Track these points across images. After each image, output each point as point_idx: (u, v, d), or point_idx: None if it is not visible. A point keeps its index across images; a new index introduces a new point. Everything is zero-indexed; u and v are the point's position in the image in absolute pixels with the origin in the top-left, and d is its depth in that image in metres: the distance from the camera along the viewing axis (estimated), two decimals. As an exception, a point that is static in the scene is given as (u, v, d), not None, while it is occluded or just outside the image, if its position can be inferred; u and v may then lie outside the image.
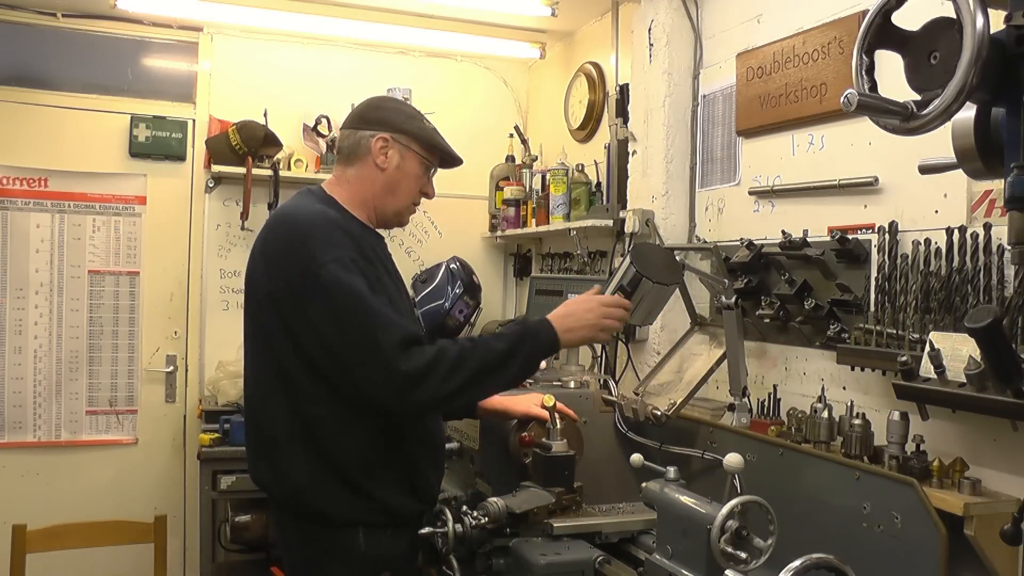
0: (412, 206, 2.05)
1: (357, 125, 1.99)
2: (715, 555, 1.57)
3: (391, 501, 1.87)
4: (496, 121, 4.24)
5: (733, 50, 2.71)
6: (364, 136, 1.95)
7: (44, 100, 3.81)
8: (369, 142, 1.95)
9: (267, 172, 3.86)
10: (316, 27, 3.87)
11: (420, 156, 1.98)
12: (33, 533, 2.85)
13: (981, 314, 1.43)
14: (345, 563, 1.86)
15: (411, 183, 1.99)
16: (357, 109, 2.05)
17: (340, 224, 1.87)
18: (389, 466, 1.88)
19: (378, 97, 2.13)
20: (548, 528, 2.04)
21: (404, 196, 2.00)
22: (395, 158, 1.96)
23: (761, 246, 2.43)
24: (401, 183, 1.98)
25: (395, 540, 1.90)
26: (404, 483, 1.90)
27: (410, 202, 2.03)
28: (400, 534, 1.91)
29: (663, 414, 2.30)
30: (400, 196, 2.00)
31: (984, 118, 1.18)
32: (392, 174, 1.96)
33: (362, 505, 1.85)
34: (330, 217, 1.88)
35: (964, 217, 1.88)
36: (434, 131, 2.02)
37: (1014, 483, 1.74)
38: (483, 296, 4.04)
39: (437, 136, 2.02)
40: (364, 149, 1.95)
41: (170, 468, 3.99)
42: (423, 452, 1.95)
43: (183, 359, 4.01)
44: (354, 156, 1.97)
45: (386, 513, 1.87)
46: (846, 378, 2.19)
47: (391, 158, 1.95)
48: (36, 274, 3.82)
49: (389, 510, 1.87)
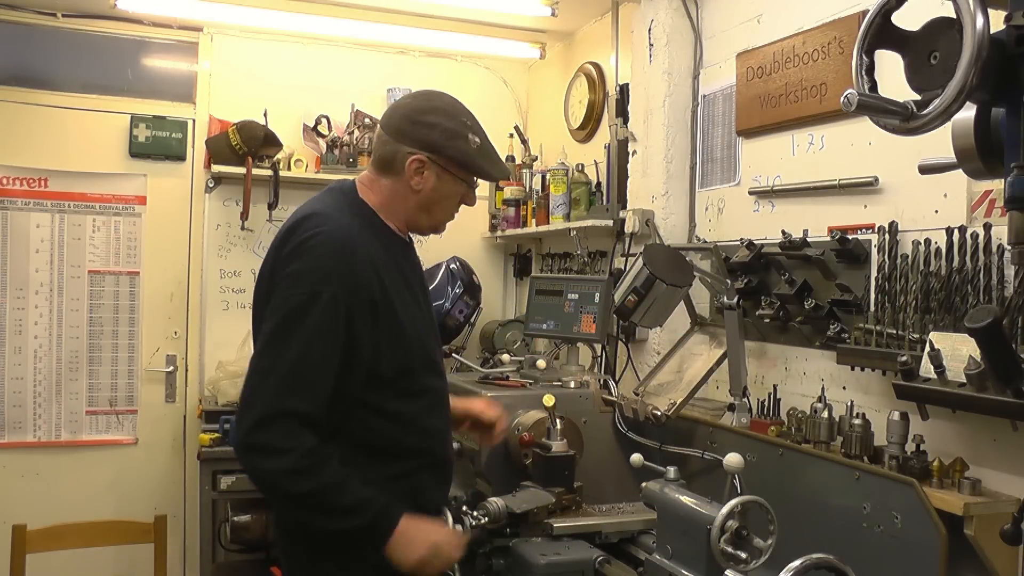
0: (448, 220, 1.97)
1: (395, 136, 1.85)
2: (715, 555, 1.57)
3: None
4: (496, 121, 4.20)
5: (733, 50, 2.71)
6: (401, 151, 1.83)
7: (44, 100, 3.81)
8: (405, 160, 1.82)
9: (267, 172, 3.86)
10: (316, 27, 3.87)
11: (457, 178, 1.87)
12: (33, 533, 2.85)
13: (981, 314, 1.43)
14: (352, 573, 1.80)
15: (448, 203, 1.91)
16: (399, 114, 1.88)
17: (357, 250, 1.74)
18: (394, 478, 1.81)
19: (418, 103, 1.89)
20: (548, 528, 2.04)
21: (440, 215, 1.92)
22: (431, 180, 1.84)
23: (761, 246, 2.43)
24: (437, 204, 1.89)
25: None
26: (410, 497, 1.82)
27: (446, 218, 1.95)
28: None
29: (663, 414, 2.30)
30: (435, 215, 1.91)
31: (984, 118, 1.18)
32: (426, 195, 1.86)
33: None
34: (349, 245, 1.74)
35: (964, 217, 1.88)
36: (478, 152, 1.87)
37: (1014, 483, 1.74)
38: (483, 296, 4.04)
39: (480, 157, 1.87)
40: (400, 165, 1.83)
41: (170, 468, 3.98)
42: (426, 466, 1.88)
43: (183, 359, 4.01)
44: (390, 168, 1.86)
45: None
46: (846, 378, 2.19)
47: (426, 179, 1.84)
48: (36, 274, 3.82)
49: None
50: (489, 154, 1.91)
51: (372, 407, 1.78)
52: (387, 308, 1.77)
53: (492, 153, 1.92)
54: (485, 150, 1.89)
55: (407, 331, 1.81)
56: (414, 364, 1.83)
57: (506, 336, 3.85)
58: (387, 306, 1.77)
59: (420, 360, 1.85)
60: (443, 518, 1.87)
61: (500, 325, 3.95)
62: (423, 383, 1.86)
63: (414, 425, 1.83)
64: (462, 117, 1.88)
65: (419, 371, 1.85)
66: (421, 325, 1.88)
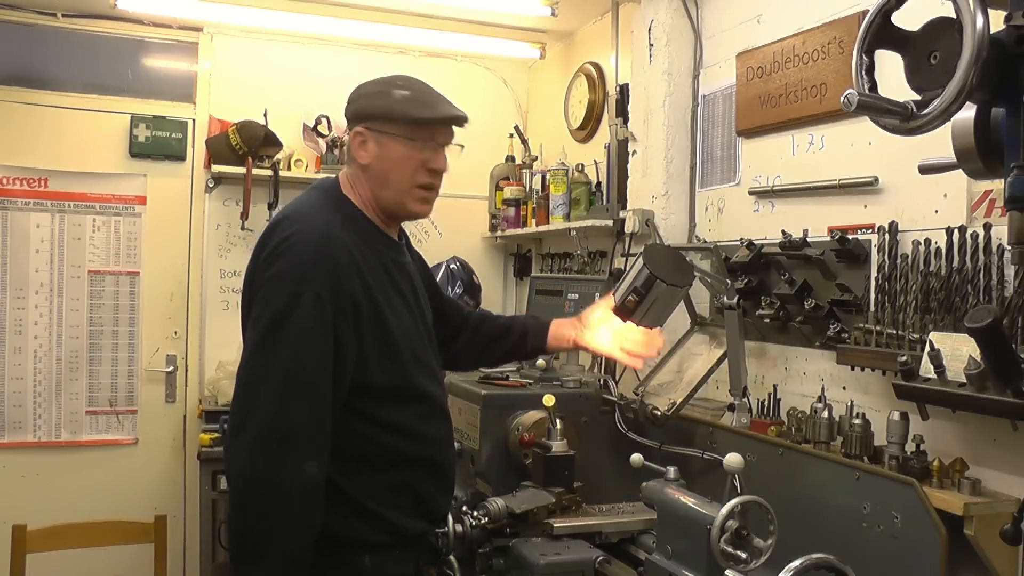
0: (417, 190, 1.81)
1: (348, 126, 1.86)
2: (715, 555, 1.57)
3: (397, 522, 1.77)
4: (496, 121, 4.24)
5: (733, 50, 2.71)
6: (350, 136, 1.83)
7: (44, 100, 3.81)
8: (350, 140, 1.82)
9: (267, 172, 3.87)
10: (316, 27, 3.86)
11: (398, 135, 1.77)
12: (33, 533, 2.85)
13: (981, 314, 1.43)
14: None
15: (401, 168, 1.78)
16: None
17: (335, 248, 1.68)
18: (397, 488, 1.78)
19: (357, 86, 1.89)
20: (548, 528, 2.04)
21: (398, 184, 1.79)
22: (372, 148, 1.78)
23: (761, 246, 2.43)
24: (389, 172, 1.78)
25: (401, 561, 1.80)
26: (412, 504, 1.80)
27: (409, 187, 1.80)
28: (406, 555, 1.82)
29: (663, 414, 2.30)
30: (393, 185, 1.79)
31: (984, 118, 1.18)
32: (375, 166, 1.79)
33: (367, 526, 1.75)
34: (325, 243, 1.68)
35: (964, 217, 1.88)
36: (407, 99, 1.77)
37: (1014, 483, 1.74)
38: (483, 296, 4.04)
39: (410, 104, 1.77)
40: (350, 148, 1.82)
41: (170, 468, 3.99)
42: (428, 474, 1.85)
43: (183, 359, 4.01)
44: (349, 156, 1.85)
45: (393, 534, 1.77)
46: (846, 378, 2.19)
47: (369, 150, 1.78)
48: (36, 274, 3.82)
49: (395, 531, 1.77)
50: (421, 99, 1.79)
51: (366, 416, 1.73)
52: (373, 311, 1.71)
53: (426, 97, 1.81)
54: (415, 98, 1.79)
55: (396, 336, 1.74)
56: (407, 369, 1.78)
57: (506, 336, 3.85)
58: (373, 309, 1.71)
59: (413, 365, 1.80)
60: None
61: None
62: (418, 388, 1.81)
63: (412, 433, 1.79)
64: (392, 80, 1.83)
65: (413, 377, 1.80)
66: (413, 329, 1.82)
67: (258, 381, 1.61)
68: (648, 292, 2.11)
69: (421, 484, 1.82)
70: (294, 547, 1.60)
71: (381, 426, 1.75)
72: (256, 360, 1.64)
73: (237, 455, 1.62)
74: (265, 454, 1.58)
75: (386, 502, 1.75)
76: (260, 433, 1.59)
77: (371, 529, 1.75)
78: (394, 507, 1.76)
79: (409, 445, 1.79)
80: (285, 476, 1.58)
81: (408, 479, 1.80)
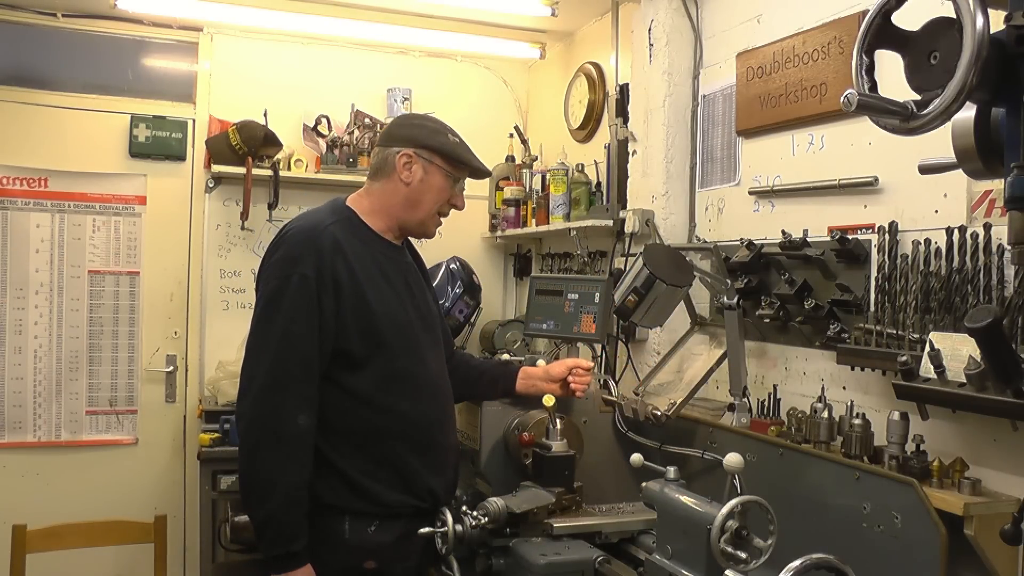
0: (436, 217, 2.12)
1: (385, 143, 2.10)
2: (715, 555, 1.57)
3: (380, 494, 1.96)
4: (496, 121, 4.24)
5: (733, 50, 2.71)
6: (391, 153, 2.05)
7: (44, 100, 3.81)
8: (395, 158, 2.04)
9: (267, 172, 3.86)
10: (316, 27, 3.86)
11: (444, 169, 2.07)
12: (33, 533, 2.85)
13: (981, 314, 1.43)
14: (330, 547, 1.93)
15: (433, 196, 2.08)
16: (386, 127, 2.17)
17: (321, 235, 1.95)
18: (379, 462, 1.97)
19: (406, 115, 2.26)
20: (548, 528, 2.04)
21: (426, 208, 2.08)
22: (418, 172, 2.05)
23: (761, 246, 2.43)
24: (424, 196, 2.07)
25: (381, 532, 1.96)
26: (394, 479, 1.97)
27: (432, 213, 2.10)
28: (389, 526, 1.97)
29: (663, 414, 2.30)
30: (422, 209, 2.08)
31: (984, 118, 1.18)
32: (415, 187, 2.05)
33: (352, 495, 1.94)
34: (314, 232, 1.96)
35: (964, 217, 1.88)
36: (458, 144, 2.10)
37: (1014, 483, 1.74)
38: (483, 296, 4.04)
39: (460, 149, 2.09)
40: (390, 166, 2.05)
41: (170, 468, 3.98)
42: (411, 451, 2.00)
43: (183, 359, 4.01)
44: (381, 172, 2.07)
45: (375, 504, 1.96)
46: (846, 378, 2.19)
47: (415, 172, 2.05)
48: (36, 274, 3.82)
49: (378, 502, 1.96)
50: (466, 149, 2.12)
51: (346, 389, 1.94)
52: (354, 287, 1.94)
53: (468, 150, 2.13)
54: (463, 146, 2.12)
55: (375, 311, 1.96)
56: (384, 340, 1.96)
57: (506, 336, 3.85)
58: (354, 286, 1.95)
59: (396, 342, 1.99)
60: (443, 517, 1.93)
61: (500, 325, 3.95)
62: (399, 367, 1.99)
63: (390, 410, 1.97)
64: (446, 126, 2.14)
65: (394, 352, 1.98)
66: (400, 311, 2.03)
67: (259, 347, 1.92)
68: (648, 292, 2.11)
69: (403, 461, 1.98)
70: (291, 487, 1.86)
71: (357, 399, 1.95)
72: (258, 330, 1.94)
73: (245, 408, 1.91)
74: (267, 403, 1.87)
75: (368, 474, 1.95)
76: (262, 387, 1.88)
77: (355, 498, 1.95)
78: (376, 480, 1.95)
79: (384, 421, 1.97)
80: (284, 419, 1.86)
81: (388, 454, 1.98)
